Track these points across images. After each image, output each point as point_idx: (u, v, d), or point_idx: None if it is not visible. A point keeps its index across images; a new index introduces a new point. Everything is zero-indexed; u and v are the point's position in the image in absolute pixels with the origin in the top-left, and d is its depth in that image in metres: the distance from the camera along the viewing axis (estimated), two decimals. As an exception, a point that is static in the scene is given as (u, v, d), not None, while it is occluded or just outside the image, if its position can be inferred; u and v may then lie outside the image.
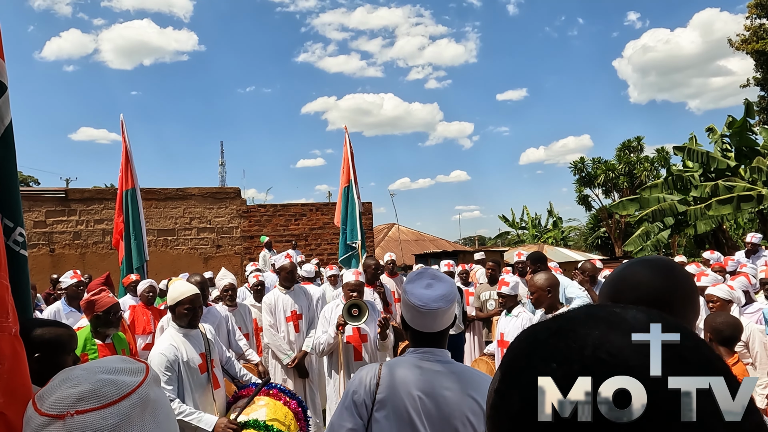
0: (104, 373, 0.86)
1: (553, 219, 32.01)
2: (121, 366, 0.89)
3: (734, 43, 18.60)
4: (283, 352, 4.85)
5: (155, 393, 0.89)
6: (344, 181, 7.33)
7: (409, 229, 21.81)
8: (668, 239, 17.71)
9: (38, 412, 0.80)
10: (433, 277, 1.70)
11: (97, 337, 3.40)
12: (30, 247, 11.17)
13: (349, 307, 3.79)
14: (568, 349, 0.47)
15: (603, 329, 0.47)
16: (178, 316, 3.07)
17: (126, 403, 0.82)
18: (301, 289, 5.19)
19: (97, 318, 3.38)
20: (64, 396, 0.81)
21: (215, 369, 3.12)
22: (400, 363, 1.67)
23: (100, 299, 3.40)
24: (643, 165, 26.25)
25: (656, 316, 0.48)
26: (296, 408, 3.12)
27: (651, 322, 0.47)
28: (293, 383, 4.81)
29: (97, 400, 0.81)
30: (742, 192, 13.95)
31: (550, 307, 3.61)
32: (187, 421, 2.78)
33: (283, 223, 13.18)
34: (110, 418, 0.80)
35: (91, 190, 12.54)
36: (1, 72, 1.62)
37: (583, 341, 0.47)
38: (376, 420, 1.59)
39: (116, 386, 0.84)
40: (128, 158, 6.80)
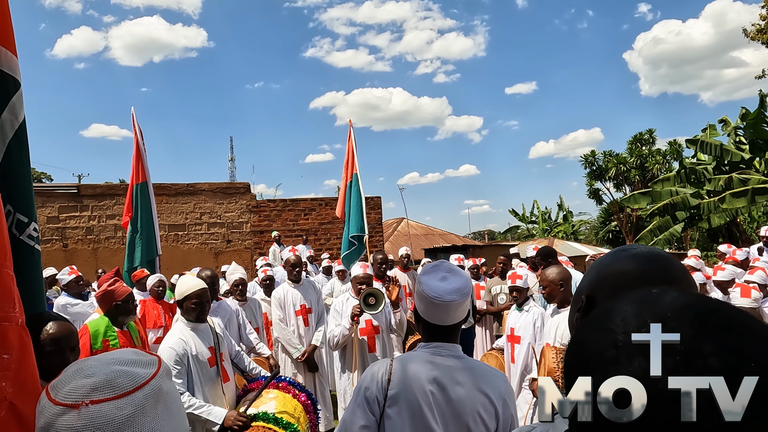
0: (118, 364, 0.86)
1: (563, 213, 31.78)
2: (135, 358, 0.89)
3: (749, 33, 18.25)
4: (293, 346, 4.85)
5: (167, 385, 0.90)
6: (348, 175, 7.29)
7: (418, 223, 21.79)
8: (681, 233, 17.51)
9: (53, 402, 0.80)
10: (449, 270, 1.69)
11: (116, 326, 3.54)
12: (43, 243, 11.30)
13: (365, 296, 3.80)
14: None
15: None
16: (186, 311, 3.08)
17: (140, 393, 0.83)
18: (310, 284, 5.19)
19: (117, 307, 3.51)
20: (79, 386, 0.81)
21: (224, 362, 3.13)
22: (412, 358, 1.65)
23: (117, 289, 3.52)
24: (655, 158, 25.94)
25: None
26: (306, 401, 3.12)
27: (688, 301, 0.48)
28: (303, 377, 4.82)
29: (112, 391, 0.81)
30: (756, 185, 13.74)
31: (563, 301, 3.56)
32: (197, 414, 2.78)
33: (293, 218, 13.21)
34: (125, 408, 0.80)
35: (103, 186, 12.65)
36: (14, 69, 1.62)
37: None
38: (389, 416, 1.57)
39: (130, 377, 0.84)
40: (139, 152, 6.74)
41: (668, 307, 0.47)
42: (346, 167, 7.37)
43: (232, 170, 51.60)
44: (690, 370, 0.43)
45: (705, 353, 0.43)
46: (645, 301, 0.49)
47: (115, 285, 3.54)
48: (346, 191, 7.36)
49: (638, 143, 27.55)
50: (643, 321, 0.47)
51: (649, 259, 0.91)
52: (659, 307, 0.47)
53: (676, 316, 0.46)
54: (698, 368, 0.42)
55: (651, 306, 0.48)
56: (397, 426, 1.55)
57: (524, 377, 4.00)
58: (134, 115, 6.73)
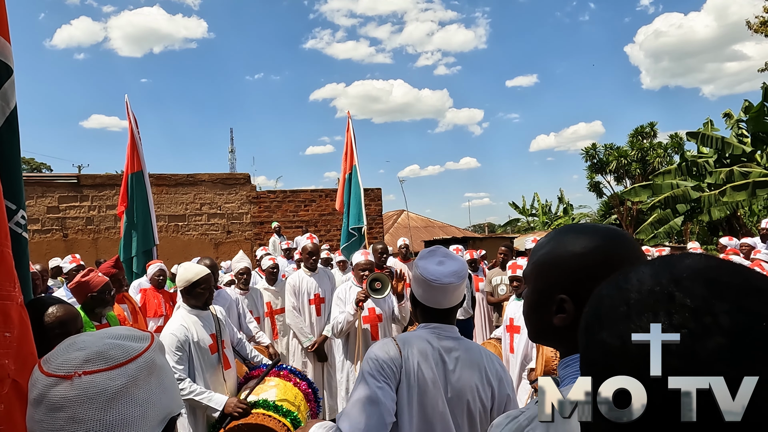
0: (110, 338, 0.86)
1: (563, 206, 31.79)
2: (127, 333, 0.90)
3: (753, 26, 18.14)
4: (304, 335, 4.86)
5: (161, 359, 0.90)
6: (348, 167, 7.27)
7: (418, 215, 21.79)
8: (681, 226, 17.52)
9: (45, 374, 0.81)
10: (446, 255, 1.73)
11: (94, 319, 3.24)
12: (43, 233, 11.31)
13: (371, 281, 3.77)
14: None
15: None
16: (195, 296, 3.08)
17: (133, 365, 0.83)
18: (325, 273, 5.21)
19: (92, 298, 3.25)
20: (72, 358, 0.82)
21: (226, 350, 3.14)
22: (414, 337, 1.66)
23: (92, 279, 3.28)
24: (656, 151, 25.88)
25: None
26: (306, 389, 3.13)
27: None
28: (313, 367, 4.83)
29: (104, 362, 0.81)
30: (757, 178, 13.71)
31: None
32: (197, 400, 2.79)
33: (293, 209, 13.20)
34: (117, 379, 0.80)
35: (103, 176, 12.62)
36: (7, 55, 1.60)
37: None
38: (399, 392, 1.55)
39: (123, 349, 0.84)
40: (134, 141, 6.64)
41: (686, 268, 0.47)
42: (345, 159, 7.36)
43: (233, 162, 51.56)
44: (698, 327, 0.42)
45: (716, 311, 0.42)
46: (663, 264, 0.49)
47: (89, 276, 3.30)
48: (345, 183, 7.35)
49: (640, 136, 27.47)
50: (658, 281, 0.46)
51: (606, 237, 0.87)
52: (676, 269, 0.47)
53: (692, 276, 0.46)
54: (707, 326, 0.42)
55: (668, 267, 0.48)
56: (406, 402, 1.55)
57: (524, 367, 4.00)
58: (128, 103, 6.65)
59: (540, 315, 0.90)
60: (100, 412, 0.78)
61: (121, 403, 0.80)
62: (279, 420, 2.75)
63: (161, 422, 0.86)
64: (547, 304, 0.87)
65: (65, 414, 0.77)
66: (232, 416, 2.76)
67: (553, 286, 0.87)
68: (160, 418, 0.86)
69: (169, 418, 0.88)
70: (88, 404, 0.78)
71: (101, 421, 0.78)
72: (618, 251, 0.84)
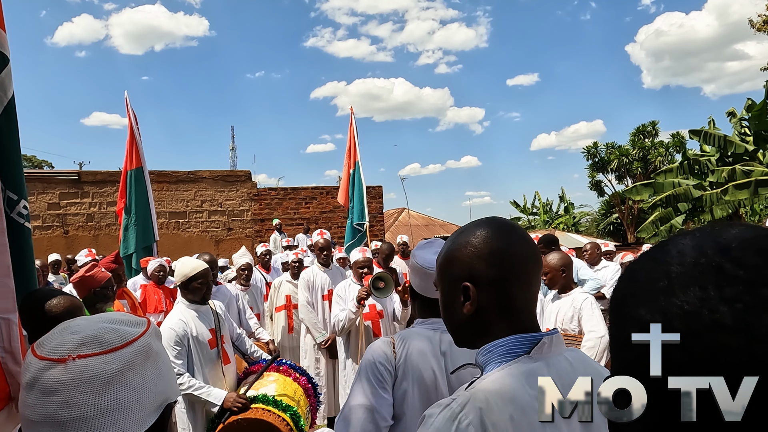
0: (106, 322, 0.85)
1: (564, 205, 31.74)
2: (123, 318, 0.88)
3: (755, 24, 18.09)
4: (317, 330, 4.85)
5: (157, 345, 0.88)
6: (351, 164, 7.24)
7: (419, 213, 21.77)
8: (682, 225, 17.47)
9: (38, 357, 0.79)
10: (442, 245, 1.69)
11: (94, 314, 3.25)
12: (44, 229, 11.32)
13: (374, 279, 3.74)
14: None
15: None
16: (192, 291, 3.06)
17: (128, 350, 0.81)
18: (338, 269, 5.20)
19: (95, 294, 3.27)
20: (66, 341, 0.80)
21: (225, 345, 3.13)
22: (412, 334, 1.64)
23: (95, 274, 3.29)
24: (657, 150, 25.84)
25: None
26: (306, 384, 3.13)
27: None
28: (325, 363, 4.83)
29: (99, 346, 0.80)
30: (760, 176, 13.67)
31: (564, 287, 3.54)
32: (196, 395, 2.79)
33: (294, 207, 13.20)
34: (112, 363, 0.79)
35: (104, 173, 12.61)
36: (3, 44, 1.59)
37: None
38: (399, 391, 1.55)
39: (118, 334, 0.83)
40: (134, 137, 6.62)
41: (734, 237, 0.43)
42: (348, 155, 7.33)
43: (233, 159, 51.42)
44: (754, 300, 0.39)
45: None
46: (705, 234, 0.45)
47: (92, 271, 3.32)
48: (349, 179, 7.31)
49: (641, 135, 27.42)
50: (702, 251, 0.43)
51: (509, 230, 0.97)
52: (723, 238, 0.43)
53: (742, 245, 0.42)
54: (764, 298, 0.39)
55: (714, 237, 0.44)
56: (408, 401, 1.54)
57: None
58: (128, 99, 6.63)
59: (453, 310, 0.96)
60: (94, 396, 0.77)
61: (116, 388, 0.78)
62: (278, 415, 2.74)
63: (157, 408, 0.85)
64: (455, 296, 0.94)
65: (59, 398, 0.76)
66: (232, 411, 2.75)
67: (456, 279, 0.95)
68: (156, 404, 0.84)
69: (165, 405, 0.87)
70: (83, 388, 0.76)
71: (96, 405, 0.76)
72: (503, 239, 0.94)
